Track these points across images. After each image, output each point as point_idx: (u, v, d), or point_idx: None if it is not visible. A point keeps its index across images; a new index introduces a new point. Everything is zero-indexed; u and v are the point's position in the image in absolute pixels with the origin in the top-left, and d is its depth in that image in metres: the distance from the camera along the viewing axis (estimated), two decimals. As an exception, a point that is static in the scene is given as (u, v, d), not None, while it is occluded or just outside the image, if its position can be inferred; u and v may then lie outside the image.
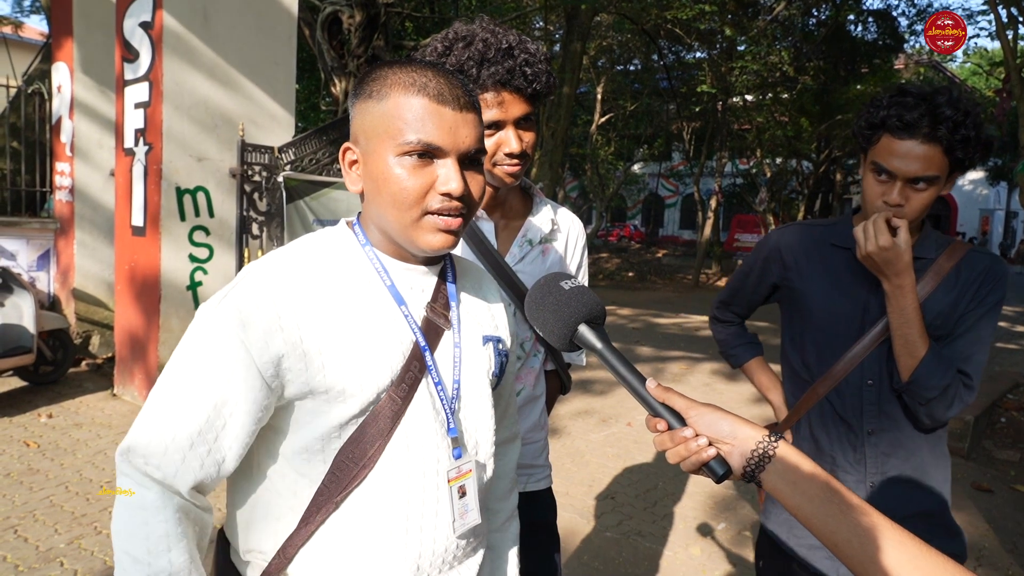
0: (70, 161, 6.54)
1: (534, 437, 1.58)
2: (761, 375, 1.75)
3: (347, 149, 0.96)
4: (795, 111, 17.80)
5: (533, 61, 1.34)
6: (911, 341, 1.34)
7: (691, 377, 7.10)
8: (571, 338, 0.91)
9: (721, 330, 1.83)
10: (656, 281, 18.58)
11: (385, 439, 0.92)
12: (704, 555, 3.28)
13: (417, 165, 0.89)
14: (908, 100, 1.31)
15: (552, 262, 1.55)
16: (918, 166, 1.30)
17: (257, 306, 0.87)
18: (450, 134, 0.90)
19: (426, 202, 0.90)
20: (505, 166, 1.38)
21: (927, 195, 1.33)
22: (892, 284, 1.34)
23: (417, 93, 0.89)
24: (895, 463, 1.45)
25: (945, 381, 1.34)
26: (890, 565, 0.68)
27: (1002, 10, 7.30)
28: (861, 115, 1.40)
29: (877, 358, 1.43)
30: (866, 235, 1.34)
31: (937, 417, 1.38)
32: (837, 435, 1.48)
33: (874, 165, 1.37)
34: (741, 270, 1.73)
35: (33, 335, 4.92)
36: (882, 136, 1.35)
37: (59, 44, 6.57)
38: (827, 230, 1.54)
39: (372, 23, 7.53)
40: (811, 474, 0.76)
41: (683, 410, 0.84)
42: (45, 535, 3.14)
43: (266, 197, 5.30)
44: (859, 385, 1.45)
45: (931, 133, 1.29)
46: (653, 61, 17.23)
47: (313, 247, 0.96)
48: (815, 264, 1.52)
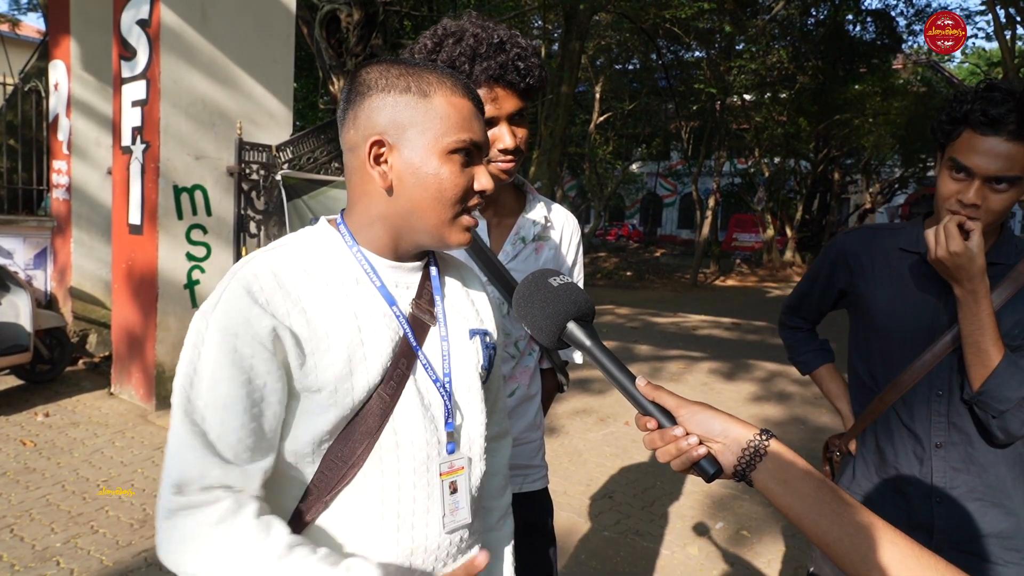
0: (67, 159, 6.52)
1: (530, 437, 1.57)
2: (830, 383, 1.69)
3: (376, 142, 0.92)
4: (793, 111, 17.84)
5: (525, 55, 1.32)
6: (984, 349, 1.27)
7: (689, 376, 7.11)
8: (559, 335, 0.90)
9: (790, 335, 1.77)
10: (654, 280, 18.58)
11: (373, 437, 0.91)
12: (702, 554, 3.28)
13: (464, 163, 0.93)
14: (995, 95, 1.25)
15: (546, 259, 1.54)
16: (1000, 164, 1.24)
17: (251, 308, 0.85)
18: (484, 136, 0.97)
19: (467, 200, 0.95)
20: (499, 163, 1.36)
21: (1007, 197, 1.27)
22: (964, 290, 1.27)
23: (464, 95, 0.94)
24: (966, 479, 1.37)
25: (1020, 392, 1.27)
26: (882, 564, 0.68)
27: (1000, 11, 7.31)
28: (943, 110, 1.34)
29: (947, 368, 1.36)
30: (937, 239, 1.27)
31: (1012, 431, 1.30)
32: (903, 447, 1.42)
33: (952, 162, 1.30)
34: (808, 275, 1.69)
35: (30, 333, 4.90)
36: (963, 131, 1.28)
37: (56, 42, 6.55)
38: (896, 234, 1.48)
39: (370, 21, 7.51)
40: (803, 473, 0.76)
41: (673, 408, 0.83)
42: (41, 534, 3.13)
43: (264, 195, 5.29)
44: (927, 395, 1.39)
45: (1017, 131, 1.23)
46: (652, 60, 17.23)
47: (299, 247, 0.95)
48: (882, 269, 1.46)
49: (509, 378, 1.51)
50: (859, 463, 1.51)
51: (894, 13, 17.41)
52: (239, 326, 0.85)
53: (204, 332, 0.86)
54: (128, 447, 4.26)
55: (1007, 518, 1.37)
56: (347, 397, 0.89)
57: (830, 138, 20.03)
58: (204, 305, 0.89)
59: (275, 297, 0.87)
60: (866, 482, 1.48)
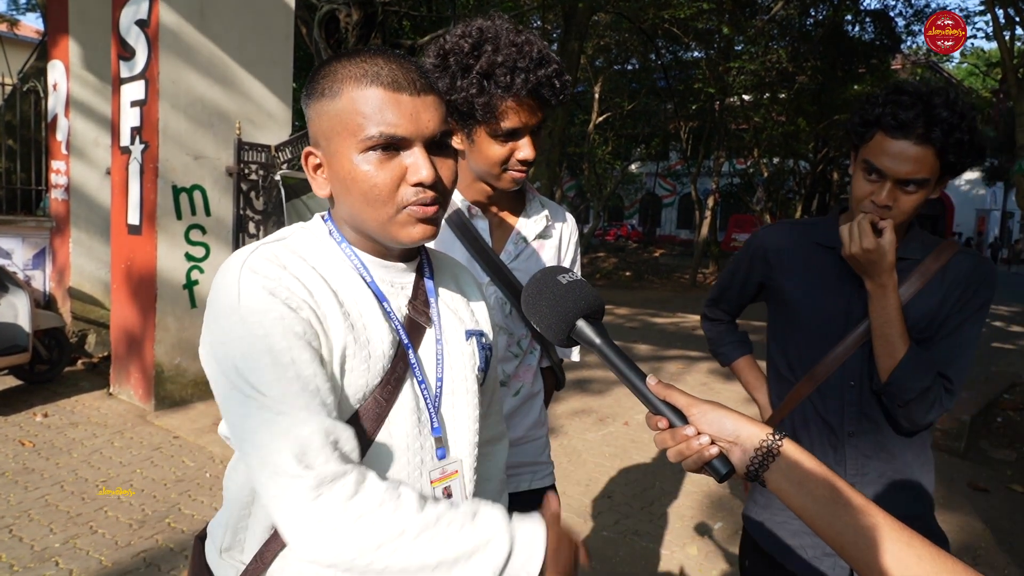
0: (66, 159, 6.51)
1: (535, 434, 1.58)
2: (748, 374, 1.75)
3: (309, 153, 0.92)
4: (792, 111, 17.81)
5: (560, 73, 1.33)
6: (891, 342, 1.33)
7: (688, 376, 7.10)
8: (569, 333, 0.89)
9: (711, 328, 1.82)
10: (653, 280, 18.58)
11: (368, 441, 0.89)
12: (701, 554, 3.27)
13: (383, 159, 0.86)
14: (904, 99, 1.28)
15: (547, 259, 1.55)
16: (909, 167, 1.28)
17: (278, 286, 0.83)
18: (412, 121, 0.86)
19: (400, 196, 0.87)
20: (514, 171, 1.38)
21: (916, 197, 1.31)
22: (875, 284, 1.33)
23: (371, 84, 0.85)
24: (876, 465, 1.43)
25: (924, 384, 1.32)
26: (897, 565, 0.67)
27: (999, 11, 7.30)
28: (856, 111, 1.38)
29: (860, 359, 1.41)
30: (851, 236, 1.33)
31: (915, 420, 1.36)
32: (819, 436, 1.47)
33: (865, 163, 1.34)
34: (729, 268, 1.73)
35: (29, 334, 4.89)
36: (875, 134, 1.32)
37: (55, 42, 6.54)
38: (812, 229, 1.53)
39: (369, 21, 7.51)
40: (816, 473, 0.75)
41: (685, 407, 0.82)
42: (40, 534, 3.12)
43: (263, 196, 5.29)
44: (841, 386, 1.43)
45: (925, 135, 1.26)
46: (651, 60, 17.22)
47: (295, 242, 0.93)
48: (800, 263, 1.51)
49: (513, 377, 1.52)
50: None
51: (893, 14, 17.36)
52: (273, 309, 0.81)
53: (239, 326, 0.81)
54: (127, 447, 4.26)
55: (915, 502, 1.44)
56: (345, 397, 0.87)
57: (829, 138, 20.00)
58: (220, 305, 0.84)
59: (293, 285, 0.85)
60: None
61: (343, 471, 0.80)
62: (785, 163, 21.43)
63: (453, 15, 8.79)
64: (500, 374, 1.46)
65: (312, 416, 0.80)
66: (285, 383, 0.80)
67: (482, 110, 1.29)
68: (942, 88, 1.31)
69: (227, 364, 0.82)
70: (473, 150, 1.38)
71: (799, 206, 21.96)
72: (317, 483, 0.78)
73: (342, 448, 0.82)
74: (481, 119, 1.31)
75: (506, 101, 1.29)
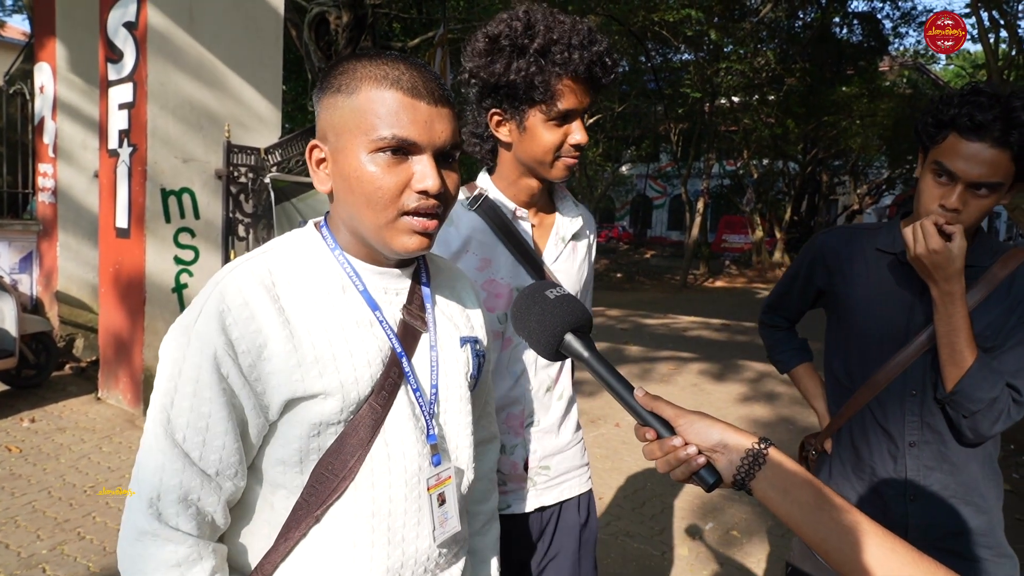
0: (53, 162, 6.46)
1: (578, 437, 1.54)
2: (807, 381, 1.70)
3: (314, 147, 0.91)
4: (781, 112, 17.93)
5: (611, 50, 1.30)
6: (957, 350, 1.28)
7: (679, 377, 7.13)
8: (558, 347, 0.89)
9: (768, 335, 1.78)
10: (644, 282, 18.64)
11: (365, 449, 0.89)
12: (692, 555, 3.29)
13: (392, 162, 0.85)
14: (982, 100, 1.24)
15: (580, 258, 1.51)
16: (983, 170, 1.23)
17: (235, 319, 0.84)
18: (426, 128, 0.86)
19: (402, 201, 0.86)
20: (567, 158, 1.33)
21: (987, 203, 1.27)
22: (941, 290, 1.27)
23: (390, 86, 0.85)
24: (938, 477, 1.38)
25: (992, 394, 1.27)
26: (881, 569, 0.68)
27: (984, 14, 7.39)
28: (928, 111, 1.32)
29: (922, 367, 1.37)
30: (915, 237, 1.27)
31: (981, 432, 1.31)
32: (878, 446, 1.43)
33: (936, 165, 1.29)
34: (788, 273, 1.69)
35: (15, 338, 4.85)
36: (949, 135, 1.27)
37: (42, 44, 6.49)
38: (873, 234, 1.49)
39: (359, 24, 7.49)
40: (803, 481, 0.76)
41: (672, 418, 0.83)
42: (27, 541, 3.09)
43: (252, 198, 5.27)
44: (901, 395, 1.39)
45: (1002, 137, 1.22)
46: (640, 62, 17.28)
47: (285, 253, 0.92)
48: (860, 269, 1.47)
49: (555, 381, 1.48)
50: (835, 462, 1.53)
51: (880, 16, 17.55)
52: (217, 346, 0.83)
53: (185, 348, 0.84)
54: (115, 452, 4.23)
55: (979, 516, 1.38)
56: (336, 406, 0.87)
57: (818, 140, 20.16)
58: (184, 318, 0.87)
59: (255, 315, 0.85)
60: (842, 480, 1.50)
61: (182, 538, 0.83)
62: (774, 164, 21.58)
63: (444, 18, 8.77)
64: (546, 379, 1.44)
65: (188, 468, 0.83)
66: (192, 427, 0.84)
67: (541, 88, 1.26)
68: (1021, 90, 1.27)
69: (164, 375, 0.87)
70: (524, 138, 1.32)
71: (789, 207, 22.10)
72: (151, 530, 0.83)
73: (198, 516, 0.85)
74: (540, 99, 1.27)
75: (563, 79, 1.26)
